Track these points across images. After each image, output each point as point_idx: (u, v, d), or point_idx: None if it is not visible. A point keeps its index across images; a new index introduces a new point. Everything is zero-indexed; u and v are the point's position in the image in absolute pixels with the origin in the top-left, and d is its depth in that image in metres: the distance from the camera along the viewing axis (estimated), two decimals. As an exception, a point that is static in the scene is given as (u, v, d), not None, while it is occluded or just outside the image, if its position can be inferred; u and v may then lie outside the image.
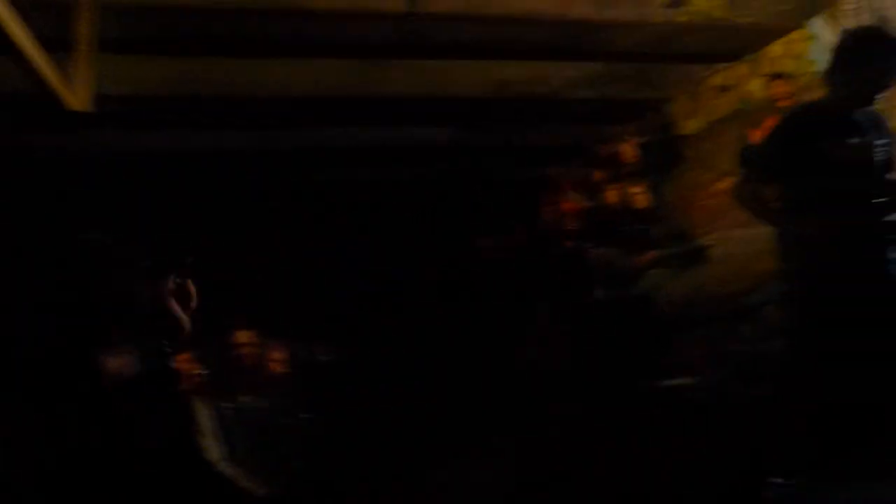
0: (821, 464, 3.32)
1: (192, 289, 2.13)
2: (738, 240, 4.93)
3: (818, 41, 8.75)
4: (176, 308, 2.06)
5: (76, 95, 4.98)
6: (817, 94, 7.90)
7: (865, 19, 8.03)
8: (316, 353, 5.46)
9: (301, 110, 9.11)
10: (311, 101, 8.81)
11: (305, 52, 7.79)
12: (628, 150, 9.10)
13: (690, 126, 9.95)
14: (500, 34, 7.83)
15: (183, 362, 4.24)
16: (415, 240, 10.84)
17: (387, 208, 11.52)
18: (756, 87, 9.12)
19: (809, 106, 3.53)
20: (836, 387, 3.13)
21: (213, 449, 4.18)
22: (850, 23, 8.18)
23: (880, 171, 3.25)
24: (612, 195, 8.12)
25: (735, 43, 8.94)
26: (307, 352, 5.41)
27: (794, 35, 8.81)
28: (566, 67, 9.69)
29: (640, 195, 7.20)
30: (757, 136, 7.17)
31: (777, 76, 7.50)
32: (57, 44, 5.03)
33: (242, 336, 4.52)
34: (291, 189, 10.97)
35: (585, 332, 4.00)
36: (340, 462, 4.68)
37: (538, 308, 7.39)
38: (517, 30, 7.76)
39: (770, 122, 7.41)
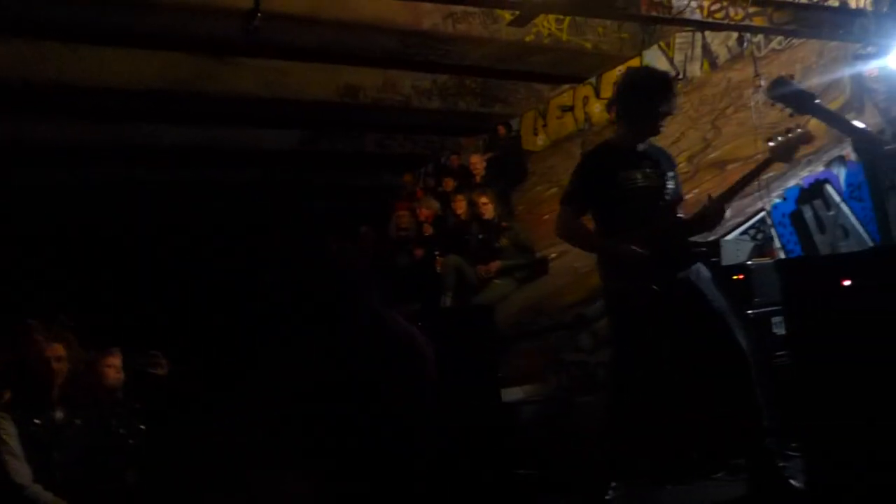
0: (649, 467, 3.53)
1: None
2: (578, 253, 5.14)
3: (652, 70, 9.37)
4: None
5: None
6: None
7: (696, 54, 8.71)
8: (147, 363, 5.14)
9: (142, 103, 8.61)
10: (154, 93, 8.35)
11: (149, 44, 7.40)
12: (477, 162, 9.32)
13: (536, 142, 10.33)
14: (350, 39, 7.78)
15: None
16: (257, 245, 10.50)
17: (230, 211, 11.10)
18: (596, 110, 9.63)
19: (605, 142, 3.74)
20: (656, 395, 3.30)
21: (21, 471, 3.84)
22: (681, 56, 8.85)
23: (670, 197, 3.45)
24: (460, 205, 8.27)
25: (578, 66, 9.38)
26: (139, 363, 5.08)
27: (633, 63, 9.39)
28: (418, 77, 9.81)
29: (487, 206, 7.38)
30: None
31: (615, 101, 7.97)
32: None
33: (54, 350, 4.16)
34: (126, 186, 10.33)
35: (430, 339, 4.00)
36: (173, 474, 4.46)
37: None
38: (367, 36, 7.74)
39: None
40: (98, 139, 9.40)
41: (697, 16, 4.56)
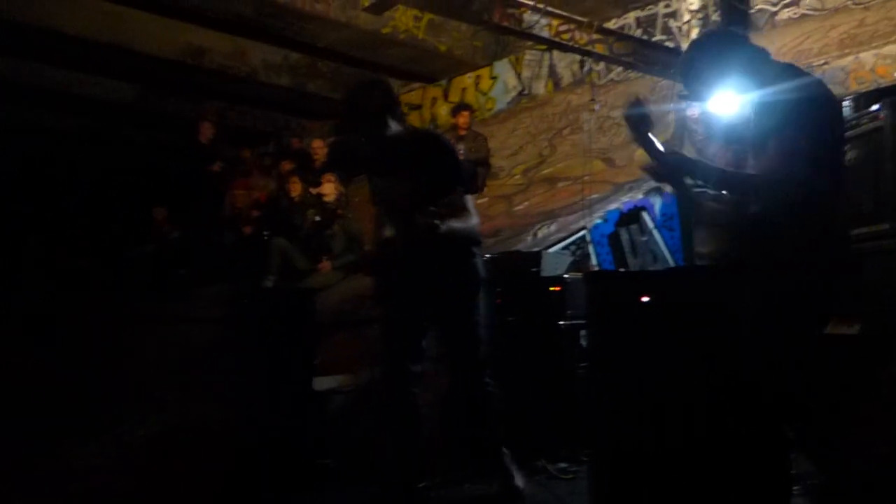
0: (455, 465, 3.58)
1: None
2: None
3: (501, 83, 9.69)
4: None
5: None
6: (490, 129, 8.87)
7: (542, 73, 9.05)
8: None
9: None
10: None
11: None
12: (319, 147, 9.11)
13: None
14: (200, -2, 7.42)
15: None
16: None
17: (50, 161, 10.21)
18: (442, 112, 9.78)
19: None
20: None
21: None
22: (528, 73, 9.17)
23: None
24: (295, 188, 8.06)
25: (430, 66, 9.48)
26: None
27: (482, 72, 9.64)
28: (269, 51, 9.51)
29: (330, 185, 7.22)
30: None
31: (461, 107, 8.11)
32: None
33: None
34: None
35: (245, 320, 3.85)
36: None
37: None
38: (219, -1, 7.42)
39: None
40: None
41: (546, 34, 4.74)
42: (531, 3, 4.70)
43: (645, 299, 2.15)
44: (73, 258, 8.23)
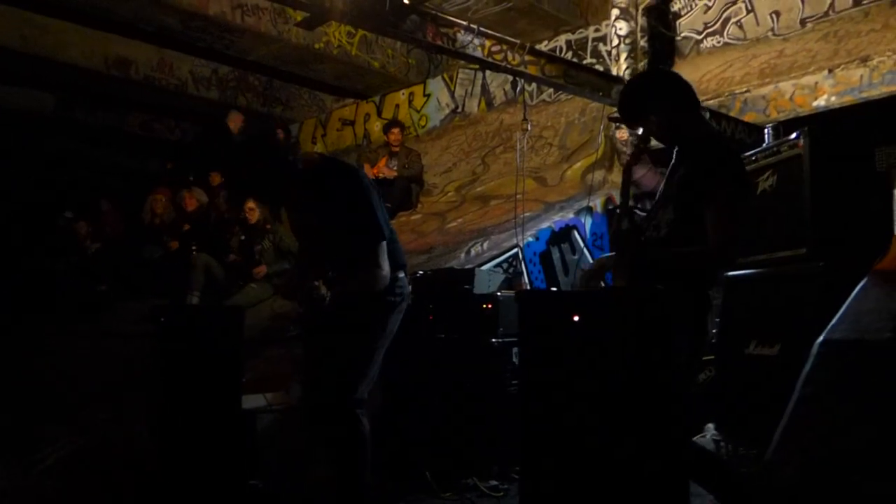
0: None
1: None
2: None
3: (434, 100, 9.75)
4: None
5: None
6: (423, 146, 8.91)
7: (476, 91, 9.15)
8: None
9: None
10: None
11: None
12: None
13: (314, 150, 10.24)
14: (126, 9, 7.23)
15: None
16: None
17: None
18: (375, 128, 9.77)
19: None
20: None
21: None
22: (462, 91, 9.26)
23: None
24: (224, 203, 7.91)
25: (363, 82, 9.47)
26: None
27: (415, 89, 9.69)
28: (198, 63, 9.35)
29: (253, 212, 7.09)
30: (373, 172, 7.63)
31: (394, 123, 8.13)
32: None
33: None
34: None
35: (166, 335, 3.74)
36: None
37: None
38: (146, 10, 7.24)
39: (383, 162, 8.04)
40: None
41: (479, 53, 4.78)
42: (464, 23, 4.75)
43: (576, 318, 2.17)
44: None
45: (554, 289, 5.61)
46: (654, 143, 2.74)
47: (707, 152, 2.52)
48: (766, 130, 3.71)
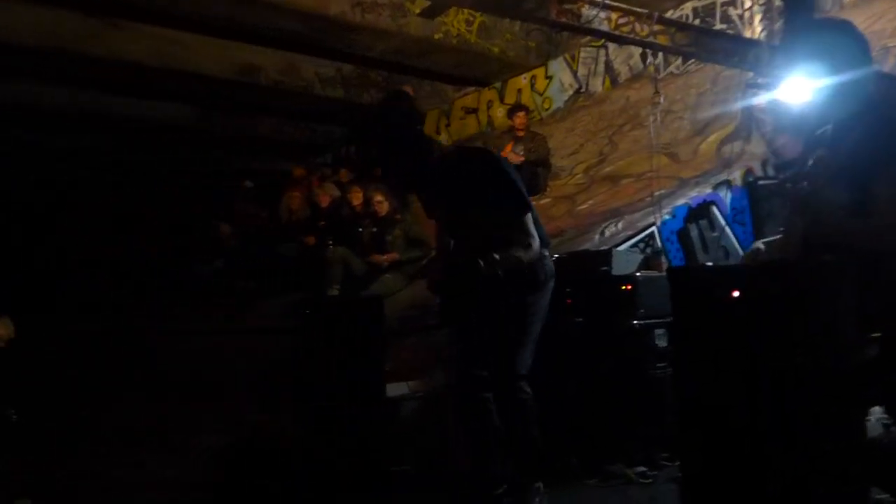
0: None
1: None
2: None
3: (556, 82, 9.58)
4: None
5: None
6: (548, 128, 8.77)
7: (599, 70, 8.93)
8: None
9: (21, 60, 7.99)
10: (32, 52, 7.76)
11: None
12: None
13: (439, 140, 10.32)
14: (248, 16, 7.51)
15: None
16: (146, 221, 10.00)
17: (121, 185, 10.55)
18: (499, 114, 9.72)
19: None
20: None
21: None
22: (584, 70, 9.05)
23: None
24: (356, 196, 8.10)
25: (483, 69, 9.43)
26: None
27: (537, 72, 9.56)
28: (321, 64, 9.60)
29: (381, 205, 7.24)
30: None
31: (518, 108, 8.03)
32: None
33: None
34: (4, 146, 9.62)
35: (314, 329, 3.85)
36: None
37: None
38: (269, 15, 7.49)
39: (509, 148, 7.97)
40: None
41: (605, 27, 4.63)
42: (588, -3, 4.61)
43: (736, 294, 2.04)
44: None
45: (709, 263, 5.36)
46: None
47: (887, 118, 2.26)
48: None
